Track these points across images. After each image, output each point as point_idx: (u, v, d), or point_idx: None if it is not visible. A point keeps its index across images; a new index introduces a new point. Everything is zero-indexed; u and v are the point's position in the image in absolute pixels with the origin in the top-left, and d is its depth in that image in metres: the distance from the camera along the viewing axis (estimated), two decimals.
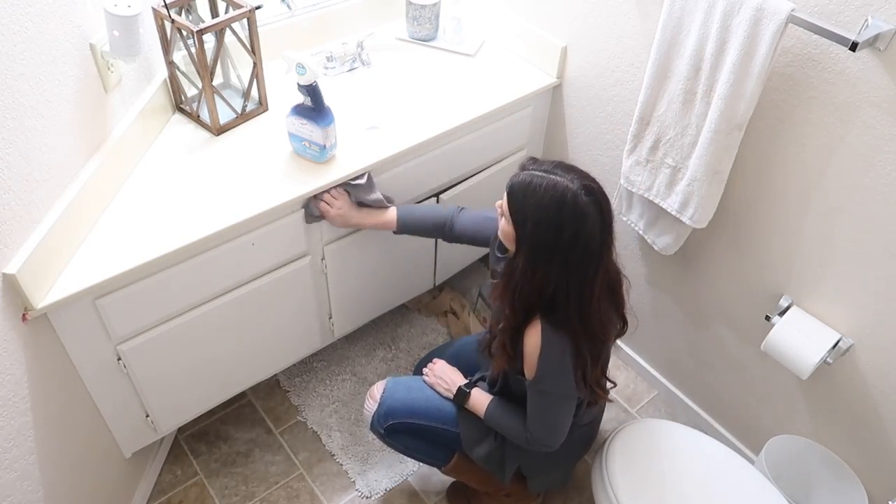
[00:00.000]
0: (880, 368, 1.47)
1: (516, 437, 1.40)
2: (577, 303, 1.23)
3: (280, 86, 1.72)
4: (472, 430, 1.50)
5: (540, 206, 1.17)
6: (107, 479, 1.56)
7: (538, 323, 1.25)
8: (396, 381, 1.57)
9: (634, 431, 1.56)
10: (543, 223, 1.17)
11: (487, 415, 1.44)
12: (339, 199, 1.54)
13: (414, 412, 1.52)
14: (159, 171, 1.51)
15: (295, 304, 1.70)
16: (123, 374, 1.46)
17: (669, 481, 1.47)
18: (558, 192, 1.15)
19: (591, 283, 1.23)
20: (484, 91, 1.81)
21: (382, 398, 1.53)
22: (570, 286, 1.22)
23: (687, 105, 1.48)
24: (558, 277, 1.21)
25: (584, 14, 1.73)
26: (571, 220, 1.16)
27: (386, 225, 1.59)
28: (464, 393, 1.48)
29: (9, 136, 1.10)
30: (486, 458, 1.50)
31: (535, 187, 1.17)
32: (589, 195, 1.17)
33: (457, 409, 1.51)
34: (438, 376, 1.54)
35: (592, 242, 1.19)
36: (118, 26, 1.29)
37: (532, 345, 1.26)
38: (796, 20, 1.23)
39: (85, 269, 1.28)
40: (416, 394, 1.53)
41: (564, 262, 1.19)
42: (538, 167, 1.20)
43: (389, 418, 1.51)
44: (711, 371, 1.89)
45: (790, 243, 1.52)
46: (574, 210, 1.15)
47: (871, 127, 1.28)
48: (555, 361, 1.26)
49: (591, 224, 1.17)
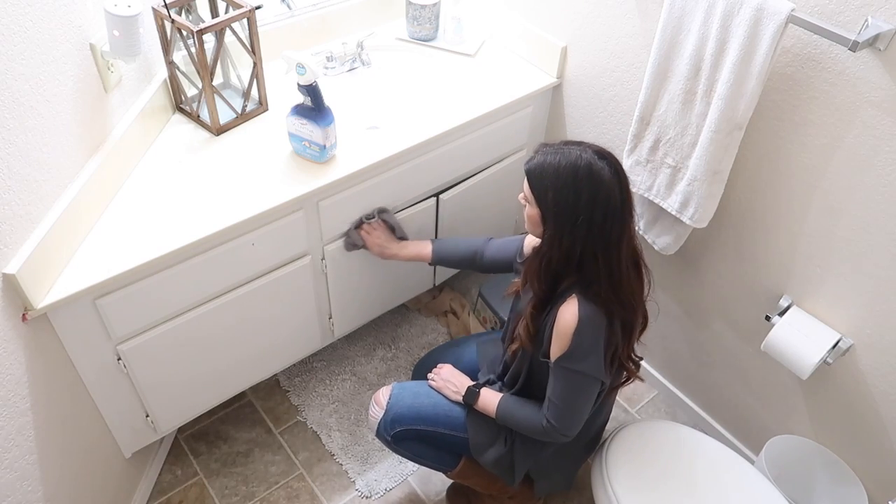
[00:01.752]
0: (880, 368, 1.47)
1: (531, 428, 1.38)
2: (606, 268, 1.25)
3: (280, 86, 1.72)
4: (481, 435, 1.49)
5: (557, 177, 1.23)
6: (107, 478, 1.56)
7: (574, 299, 1.27)
8: (402, 386, 1.56)
9: (634, 431, 1.56)
10: (563, 191, 1.22)
11: (500, 410, 1.43)
12: (377, 230, 1.67)
13: (421, 418, 1.50)
14: (159, 171, 1.51)
15: (295, 304, 1.70)
16: (123, 374, 1.46)
17: (669, 481, 1.47)
18: (572, 160, 1.22)
19: (618, 246, 1.25)
20: (484, 91, 1.81)
21: (389, 404, 1.51)
22: (598, 248, 1.24)
23: (687, 105, 1.48)
24: (584, 240, 1.24)
25: (584, 14, 1.73)
26: (588, 182, 1.21)
27: (421, 257, 1.68)
28: (473, 392, 1.47)
29: (9, 136, 1.10)
30: (495, 463, 1.49)
31: (549, 163, 1.24)
32: (602, 159, 1.22)
33: (466, 413, 1.50)
34: (446, 380, 1.53)
35: (612, 202, 1.22)
36: (118, 26, 1.29)
37: (567, 320, 1.26)
38: (796, 20, 1.23)
39: (85, 269, 1.28)
40: (424, 399, 1.52)
41: (588, 224, 1.22)
42: (549, 148, 1.27)
43: (396, 425, 1.49)
44: (711, 371, 1.89)
45: (790, 243, 1.52)
46: (589, 172, 1.21)
47: (871, 127, 1.28)
48: (589, 337, 1.26)
49: (608, 184, 1.21)
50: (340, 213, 1.63)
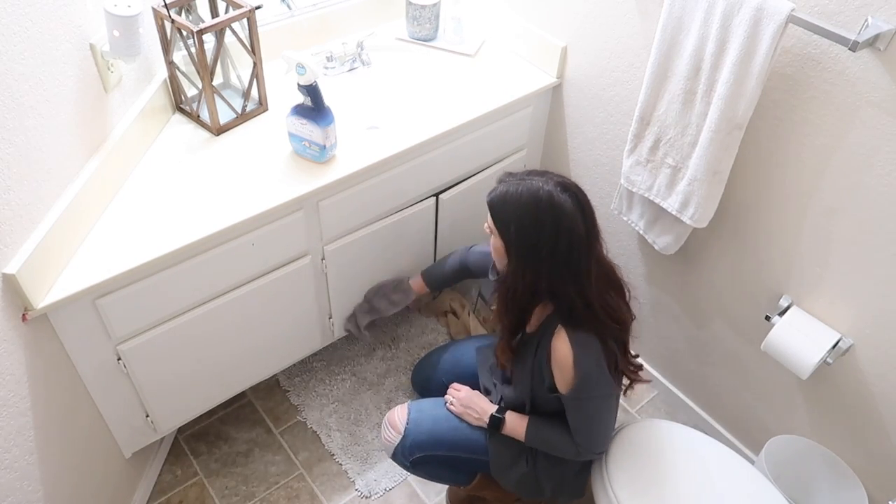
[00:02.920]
0: (880, 368, 1.47)
1: (565, 452, 1.39)
2: (579, 296, 1.24)
3: (280, 86, 1.72)
4: (503, 457, 1.47)
5: (518, 208, 1.22)
6: (107, 478, 1.56)
7: (562, 333, 1.26)
8: (420, 409, 1.51)
9: (634, 431, 1.56)
10: (524, 222, 1.21)
11: (529, 436, 1.41)
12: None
13: (441, 444, 1.48)
14: (159, 171, 1.51)
15: (295, 304, 1.70)
16: (123, 374, 1.46)
17: (669, 481, 1.47)
18: (533, 192, 1.21)
19: (587, 272, 1.24)
20: (484, 91, 1.81)
21: (407, 430, 1.47)
22: (566, 279, 1.23)
23: (687, 105, 1.48)
24: (550, 273, 1.23)
25: (584, 14, 1.73)
26: (549, 213, 1.20)
27: (420, 293, 1.79)
28: (498, 420, 1.44)
29: (9, 136, 1.10)
30: (518, 483, 1.48)
31: (511, 194, 1.23)
32: (564, 191, 1.21)
33: (487, 436, 1.48)
34: (466, 406, 1.49)
35: (576, 231, 1.21)
36: (118, 26, 1.29)
37: (563, 354, 1.26)
38: (796, 20, 1.23)
39: (85, 269, 1.28)
40: (443, 424, 1.48)
41: (552, 256, 1.21)
42: (512, 178, 1.26)
43: (416, 451, 1.47)
44: (711, 371, 1.89)
45: (790, 243, 1.52)
46: (550, 204, 1.20)
47: (870, 127, 1.28)
48: (591, 362, 1.26)
49: (570, 215, 1.20)
50: (340, 213, 1.63)
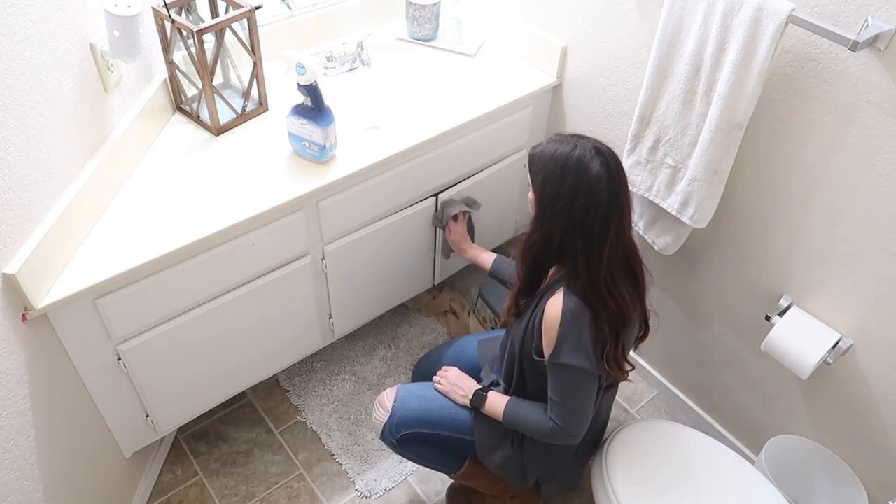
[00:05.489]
0: (880, 368, 1.47)
1: (539, 431, 1.38)
2: (585, 262, 1.26)
3: (280, 86, 1.72)
4: (489, 438, 1.48)
5: (549, 162, 1.26)
6: (107, 478, 1.56)
7: (560, 293, 1.28)
8: (407, 389, 1.55)
9: (634, 431, 1.56)
10: (550, 176, 1.25)
11: (507, 413, 1.42)
12: (463, 225, 1.84)
13: (427, 422, 1.50)
14: (159, 171, 1.51)
15: (295, 304, 1.70)
16: (123, 374, 1.46)
17: (669, 481, 1.47)
18: (567, 149, 1.25)
19: (601, 240, 1.25)
20: (484, 91, 1.81)
21: (394, 407, 1.50)
22: (577, 241, 1.25)
23: (687, 105, 1.48)
24: (564, 228, 1.25)
25: (584, 14, 1.73)
26: (574, 171, 1.23)
27: (482, 265, 1.80)
28: (481, 396, 1.47)
29: (9, 136, 1.10)
30: (503, 465, 1.49)
31: (547, 150, 1.27)
32: (598, 156, 1.24)
33: (472, 415, 1.50)
34: (453, 383, 1.52)
35: (596, 195, 1.22)
36: (118, 26, 1.29)
37: (552, 313, 1.27)
38: (796, 20, 1.23)
39: (85, 269, 1.28)
40: (430, 403, 1.51)
41: (567, 211, 1.24)
42: (557, 137, 1.30)
43: (402, 429, 1.49)
44: (711, 371, 1.89)
45: (790, 243, 1.52)
46: (578, 164, 1.23)
47: (870, 127, 1.28)
48: (573, 329, 1.27)
49: (594, 177, 1.22)
50: (340, 213, 1.63)
